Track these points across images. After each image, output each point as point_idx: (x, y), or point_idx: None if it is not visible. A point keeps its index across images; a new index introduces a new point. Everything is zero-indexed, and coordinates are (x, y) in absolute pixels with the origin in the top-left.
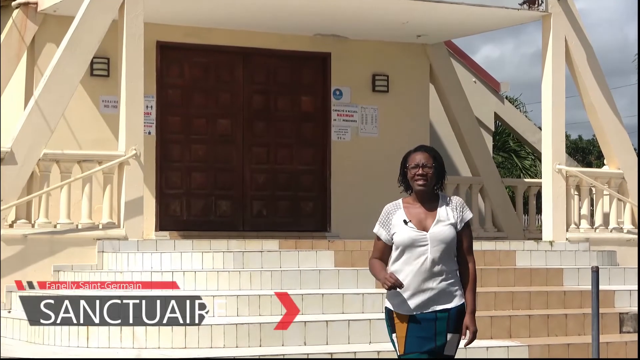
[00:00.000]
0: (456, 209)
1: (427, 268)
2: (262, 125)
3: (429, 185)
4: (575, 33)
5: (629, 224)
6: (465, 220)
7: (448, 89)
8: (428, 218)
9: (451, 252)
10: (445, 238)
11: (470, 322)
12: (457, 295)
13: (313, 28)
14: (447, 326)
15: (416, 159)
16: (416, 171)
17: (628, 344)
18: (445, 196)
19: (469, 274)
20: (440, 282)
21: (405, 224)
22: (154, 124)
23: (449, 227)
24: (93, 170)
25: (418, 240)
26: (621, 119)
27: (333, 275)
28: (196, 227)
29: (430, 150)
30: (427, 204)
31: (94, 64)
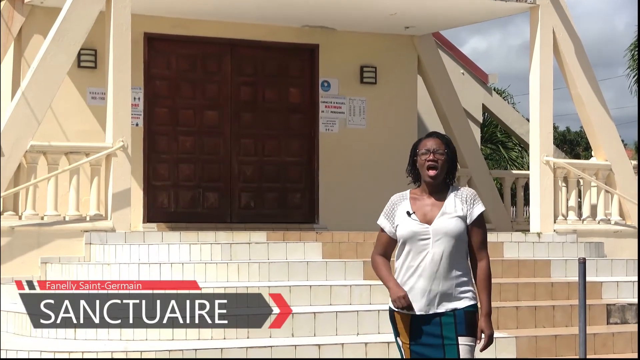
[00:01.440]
0: (466, 201)
1: (429, 265)
2: (250, 117)
3: (439, 174)
4: (563, 25)
5: (617, 216)
6: (476, 214)
7: (436, 81)
8: (434, 210)
9: (459, 248)
10: (450, 231)
11: (485, 325)
12: (466, 297)
13: (301, 19)
14: (455, 330)
15: (427, 144)
16: (427, 157)
17: (615, 335)
18: (457, 187)
19: (481, 272)
20: (445, 281)
21: (409, 216)
22: (141, 116)
23: (456, 219)
24: (80, 162)
25: (420, 233)
26: (609, 111)
27: (321, 267)
28: (184, 219)
29: (443, 137)
30: (436, 196)
31: (81, 56)
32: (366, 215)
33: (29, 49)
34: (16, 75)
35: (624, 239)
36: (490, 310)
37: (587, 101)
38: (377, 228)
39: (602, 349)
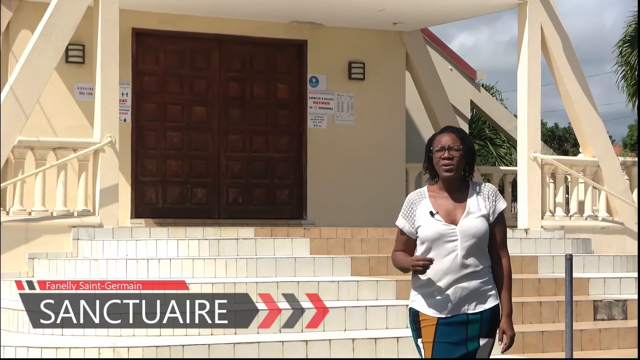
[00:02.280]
0: (488, 198)
1: (458, 266)
2: (238, 113)
3: (456, 171)
4: (551, 21)
5: (604, 212)
6: (499, 211)
7: (424, 77)
8: (457, 209)
9: (484, 247)
10: (477, 232)
11: (507, 326)
12: (492, 296)
13: (289, 15)
14: (480, 330)
15: (442, 141)
16: (441, 154)
17: (602, 332)
18: (476, 184)
19: (503, 272)
20: (473, 281)
21: (432, 216)
22: (129, 111)
23: (481, 219)
24: (68, 158)
25: (446, 234)
26: (596, 107)
27: (308, 262)
28: (172, 215)
29: (458, 132)
30: (455, 193)
31: (69, 51)
32: (354, 211)
33: (17, 44)
34: (4, 70)
35: (611, 235)
36: (511, 310)
37: (575, 97)
38: (366, 223)
39: (589, 345)
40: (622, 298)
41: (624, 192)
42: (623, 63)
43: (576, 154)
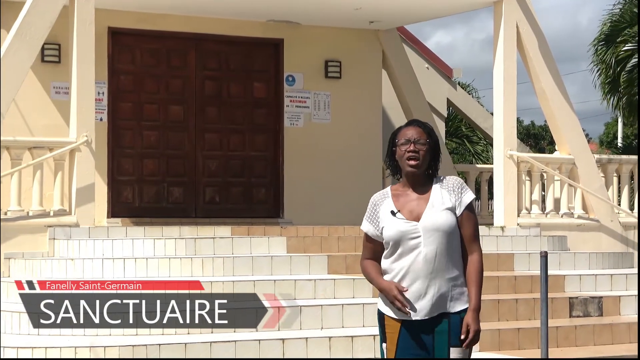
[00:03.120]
0: (454, 191)
1: (423, 265)
2: (215, 112)
3: (421, 166)
4: (526, 19)
5: (580, 209)
6: (466, 203)
7: (400, 75)
8: (420, 205)
9: (453, 243)
10: (441, 226)
11: (472, 320)
12: (462, 300)
13: (265, 14)
14: (449, 338)
15: (407, 134)
16: (407, 148)
17: (577, 328)
18: (440, 177)
19: (472, 266)
20: (441, 282)
21: (393, 215)
22: (105, 110)
23: (446, 212)
24: (44, 157)
25: (408, 232)
26: (572, 105)
27: (285, 261)
28: (148, 214)
29: (424, 126)
30: (419, 189)
31: (45, 50)
32: (331, 209)
33: None
34: None
35: (587, 233)
36: (479, 305)
37: (550, 95)
38: (342, 222)
39: (565, 342)
40: (598, 295)
41: (600, 190)
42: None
43: (552, 151)
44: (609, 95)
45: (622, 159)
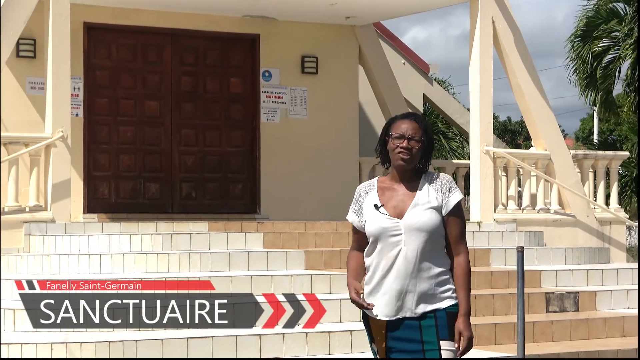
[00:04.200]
0: (441, 189)
1: (402, 264)
2: (191, 107)
3: (412, 162)
4: (502, 15)
5: (556, 205)
6: (453, 204)
7: (377, 71)
8: (405, 201)
9: (436, 242)
10: (423, 226)
11: (464, 327)
12: (447, 297)
13: (242, 9)
14: (437, 333)
15: (402, 127)
16: (399, 143)
17: (554, 324)
18: (431, 174)
19: (459, 268)
20: (423, 281)
21: (377, 209)
22: (81, 106)
23: (430, 211)
24: (19, 153)
25: (390, 229)
26: (548, 101)
27: (262, 257)
28: (125, 210)
29: (421, 121)
30: (407, 184)
31: (20, 45)
32: (308, 205)
33: None
34: None
35: (563, 228)
36: (469, 309)
37: (526, 91)
38: (319, 217)
39: (541, 337)
40: (574, 290)
41: (576, 185)
42: (575, 57)
43: (528, 147)
44: (586, 91)
45: (598, 154)
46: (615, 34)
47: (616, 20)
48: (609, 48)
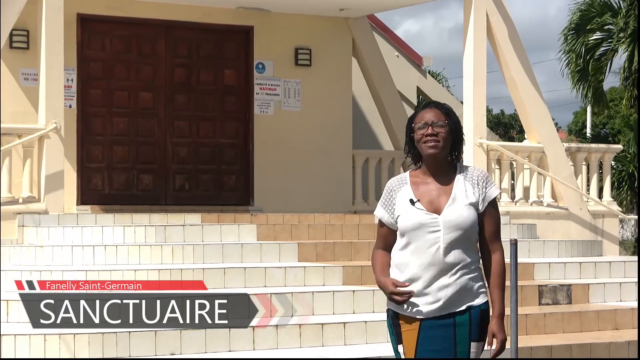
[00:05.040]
0: (478, 184)
1: (441, 260)
2: (185, 99)
3: (442, 149)
4: (496, 8)
5: (549, 198)
6: (490, 199)
7: (370, 63)
8: (441, 196)
9: (472, 238)
10: (463, 222)
11: (497, 329)
12: (481, 293)
13: (235, 1)
14: (470, 333)
15: (425, 117)
16: (424, 131)
17: (547, 316)
18: (465, 167)
19: (495, 266)
20: (459, 277)
21: (412, 204)
22: (74, 97)
23: (468, 207)
24: (13, 144)
25: (428, 225)
26: (541, 94)
27: (255, 249)
28: (118, 201)
29: (442, 107)
30: (441, 178)
31: (13, 36)
32: (301, 197)
33: None
34: None
35: (556, 221)
36: (503, 311)
37: (520, 84)
38: (313, 209)
39: (534, 330)
40: (567, 283)
41: (569, 178)
42: (568, 50)
43: (521, 140)
44: (578, 84)
45: (591, 147)
46: (608, 27)
47: (610, 13)
48: (602, 41)
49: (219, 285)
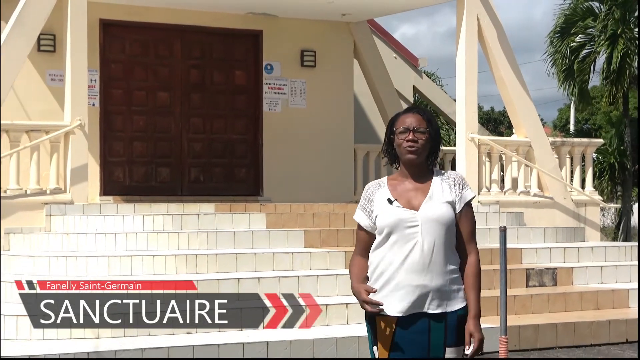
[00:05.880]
0: (455, 185)
1: (419, 257)
2: (199, 98)
3: (420, 154)
4: (486, 12)
5: (535, 188)
6: (467, 200)
7: (370, 64)
8: (419, 195)
9: (450, 238)
10: (440, 218)
11: (475, 329)
12: (459, 298)
13: (245, 7)
14: (445, 338)
15: (406, 121)
16: (405, 137)
17: (533, 297)
18: (440, 171)
19: (470, 268)
20: (436, 276)
21: (390, 204)
22: (97, 96)
23: (446, 205)
24: (40, 139)
25: (406, 220)
26: (528, 92)
27: (264, 236)
28: (138, 192)
29: (424, 112)
30: (418, 179)
31: (41, 40)
32: (307, 188)
33: None
34: None
35: (542, 209)
36: (479, 311)
37: (508, 83)
38: (317, 199)
39: (522, 310)
40: (552, 266)
41: (554, 170)
42: (554, 52)
43: (510, 135)
44: (564, 83)
45: (574, 141)
46: (590, 30)
47: (592, 17)
48: (585, 44)
49: (231, 269)
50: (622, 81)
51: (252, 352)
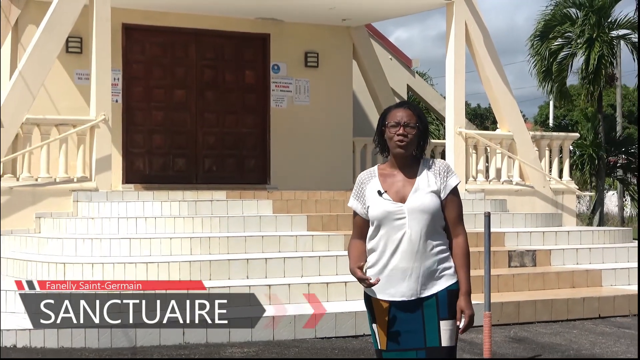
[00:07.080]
0: (440, 174)
1: (407, 245)
2: (212, 95)
3: (409, 148)
4: (473, 18)
5: (517, 177)
6: (451, 187)
7: (368, 65)
8: (406, 187)
9: (436, 224)
10: (425, 208)
11: (465, 305)
12: (447, 275)
13: (254, 12)
14: (438, 312)
15: (397, 116)
16: (396, 131)
17: (515, 277)
18: (428, 160)
19: (458, 249)
20: (425, 261)
21: (380, 195)
22: (120, 94)
23: (431, 195)
24: (68, 132)
25: (394, 213)
26: (511, 90)
27: (271, 220)
28: (157, 181)
29: (415, 108)
30: (407, 170)
31: (69, 42)
32: (310, 177)
33: (25, 36)
34: (14, 58)
35: (523, 197)
36: (469, 288)
37: (493, 82)
38: (319, 187)
39: (504, 288)
40: (532, 249)
41: (534, 161)
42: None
43: (495, 129)
44: (543, 83)
45: (552, 135)
46: (568, 34)
47: (569, 22)
48: (563, 46)
49: (240, 250)
50: (599, 81)
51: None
